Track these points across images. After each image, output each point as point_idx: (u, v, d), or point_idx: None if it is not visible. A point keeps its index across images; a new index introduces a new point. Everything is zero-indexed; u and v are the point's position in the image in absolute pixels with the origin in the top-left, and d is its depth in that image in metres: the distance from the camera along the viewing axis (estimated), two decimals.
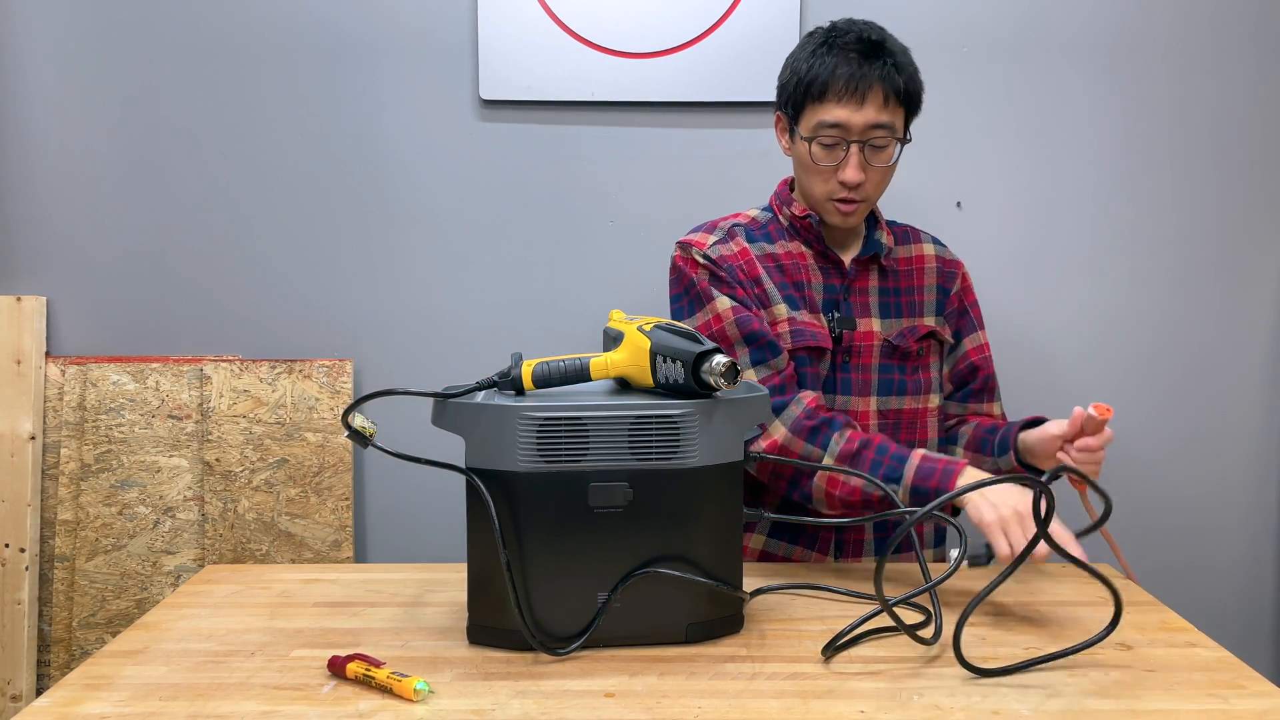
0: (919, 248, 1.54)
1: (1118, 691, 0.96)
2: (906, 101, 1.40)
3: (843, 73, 1.36)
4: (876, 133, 1.37)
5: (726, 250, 1.46)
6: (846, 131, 1.37)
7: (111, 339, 2.02)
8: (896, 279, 1.50)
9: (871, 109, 1.36)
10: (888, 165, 1.41)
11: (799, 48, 1.44)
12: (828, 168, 1.40)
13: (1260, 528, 2.05)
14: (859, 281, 1.48)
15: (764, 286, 1.45)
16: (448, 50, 1.97)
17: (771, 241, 1.48)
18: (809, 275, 1.47)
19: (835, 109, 1.37)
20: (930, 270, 1.52)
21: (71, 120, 1.99)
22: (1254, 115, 1.98)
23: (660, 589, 1.04)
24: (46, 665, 1.97)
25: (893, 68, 1.37)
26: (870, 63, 1.36)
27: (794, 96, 1.41)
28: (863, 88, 1.36)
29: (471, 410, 1.04)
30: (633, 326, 1.11)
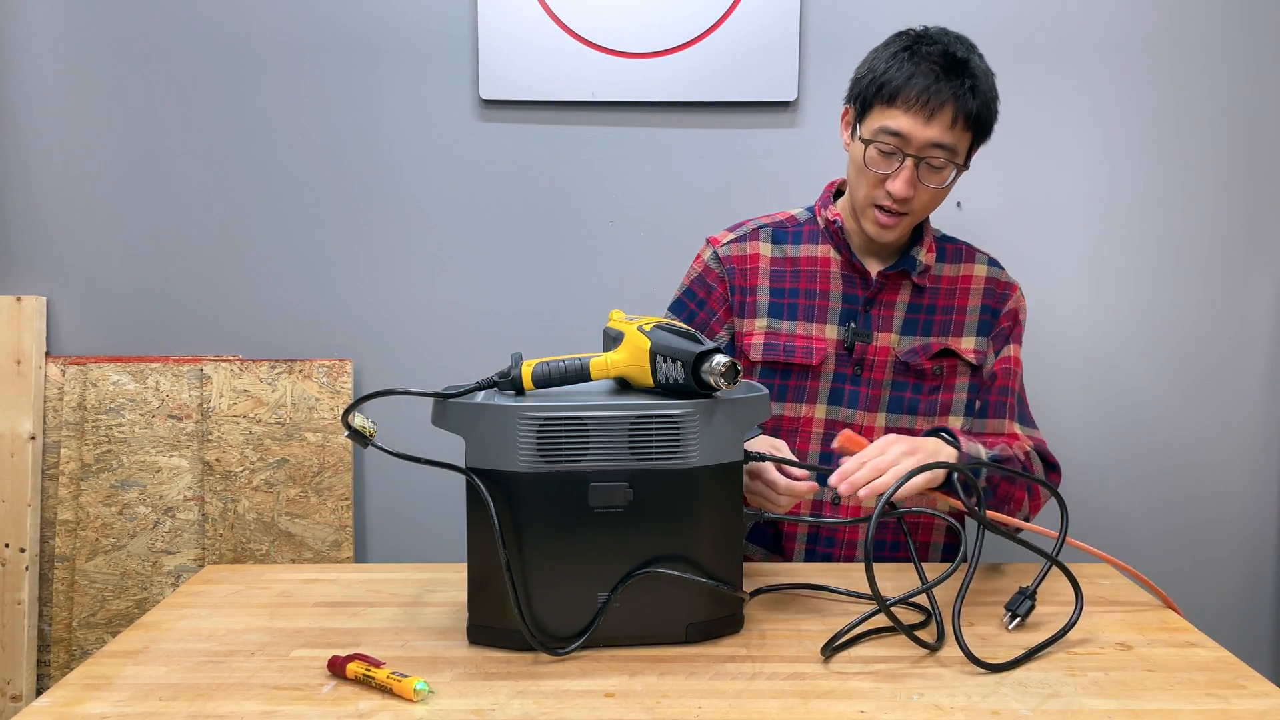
0: (970, 267, 1.48)
1: (1118, 691, 0.96)
2: (976, 127, 1.36)
3: (918, 83, 1.32)
4: (936, 152, 1.33)
5: (738, 250, 1.47)
6: (906, 143, 1.33)
7: (111, 339, 2.02)
8: (934, 296, 1.45)
9: (938, 127, 1.32)
10: (941, 188, 1.37)
11: (884, 45, 1.39)
12: (879, 175, 1.36)
13: (1260, 528, 2.05)
14: (886, 294, 1.45)
15: (756, 296, 1.45)
16: (448, 50, 1.97)
17: (799, 243, 1.47)
18: (830, 283, 1.45)
19: (901, 118, 1.33)
20: (977, 291, 1.46)
21: (71, 120, 1.99)
22: (1254, 115, 1.98)
23: (660, 589, 1.04)
24: (46, 665, 1.97)
25: (969, 90, 1.33)
26: (949, 80, 1.32)
27: (865, 94, 1.38)
28: (934, 103, 1.31)
29: (471, 410, 1.04)
30: (633, 326, 1.11)
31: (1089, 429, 2.03)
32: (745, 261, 1.46)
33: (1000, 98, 1.41)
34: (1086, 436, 2.03)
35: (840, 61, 1.96)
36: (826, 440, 1.44)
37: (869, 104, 1.37)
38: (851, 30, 1.96)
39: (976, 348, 1.45)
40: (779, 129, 1.97)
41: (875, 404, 1.43)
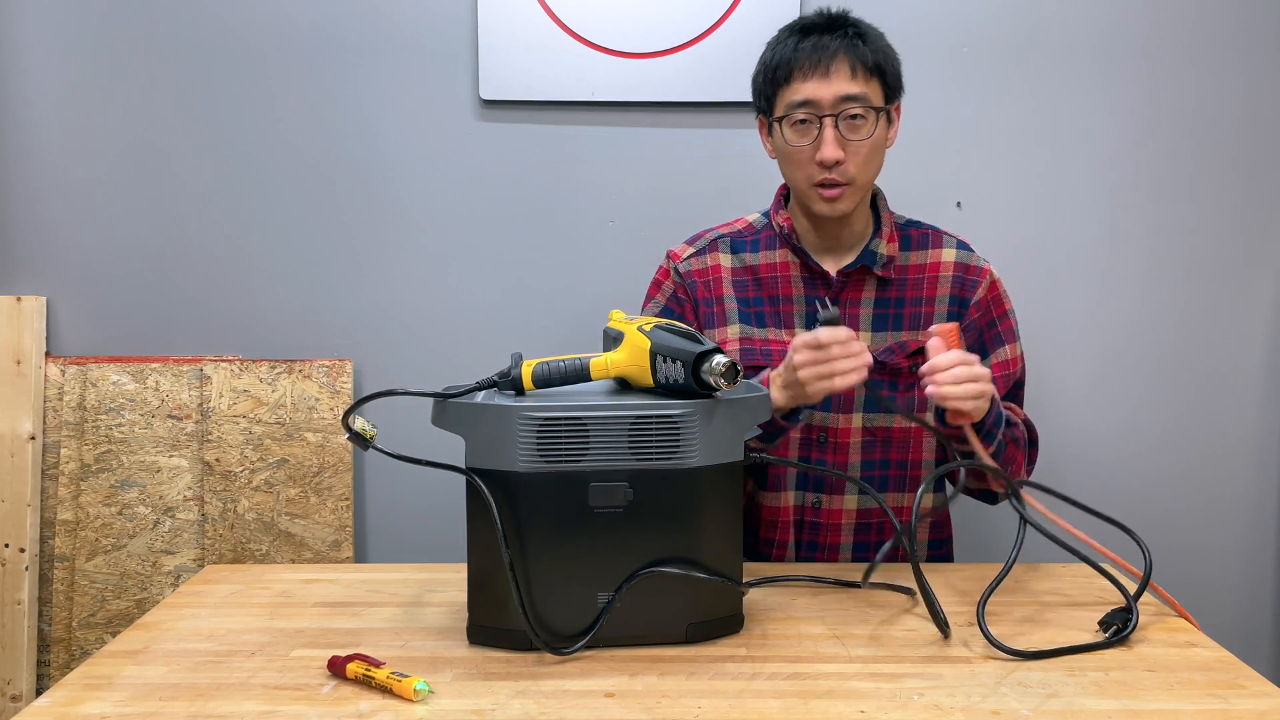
0: (937, 253, 1.43)
1: (1118, 691, 0.96)
2: (880, 74, 1.34)
3: (805, 47, 1.33)
4: (849, 105, 1.31)
5: (699, 264, 1.47)
6: (817, 107, 1.32)
7: (111, 339, 2.02)
8: (901, 289, 1.41)
9: (839, 80, 1.31)
10: (868, 140, 1.33)
11: (768, 44, 1.41)
12: (804, 149, 1.34)
13: (1260, 528, 2.05)
14: (850, 293, 1.42)
15: (724, 306, 1.44)
16: (448, 50, 1.97)
17: (757, 251, 1.46)
18: (789, 288, 1.43)
19: (801, 86, 1.32)
20: (946, 279, 1.42)
21: (72, 121, 1.99)
22: (1254, 115, 1.98)
23: (660, 589, 1.04)
24: (46, 665, 1.97)
25: (856, 37, 1.33)
26: (832, 34, 1.33)
27: (765, 88, 1.38)
28: (825, 59, 1.31)
29: (471, 410, 1.04)
30: (633, 326, 1.11)
31: (1088, 428, 2.03)
32: (707, 274, 1.46)
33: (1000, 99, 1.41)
34: (1086, 436, 2.03)
35: None
36: (804, 445, 1.42)
37: (771, 95, 1.37)
38: None
39: None
40: None
41: (850, 404, 1.41)
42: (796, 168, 1.36)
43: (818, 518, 1.44)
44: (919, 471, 1.44)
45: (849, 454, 1.42)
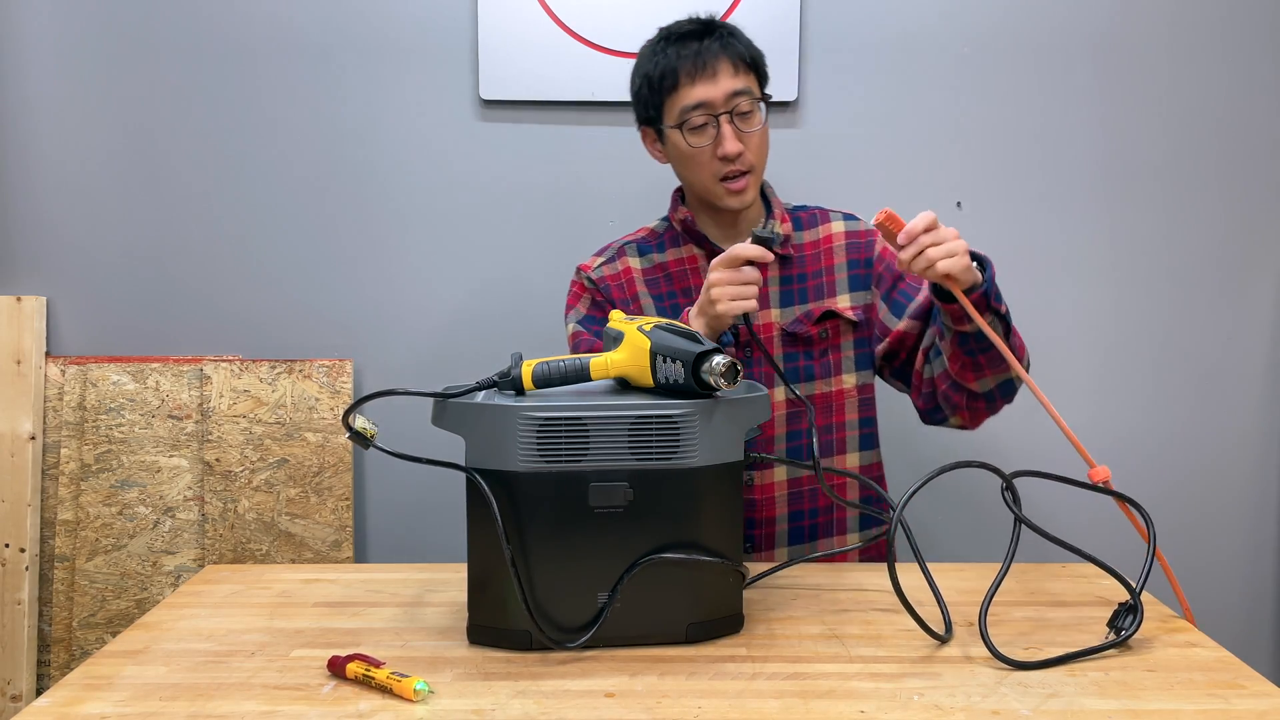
0: (827, 228, 1.53)
1: (1118, 691, 0.96)
2: (754, 67, 1.43)
3: (687, 54, 1.40)
4: (739, 100, 1.39)
5: (610, 270, 1.53)
6: (711, 107, 1.39)
7: (111, 339, 2.02)
8: (801, 264, 1.50)
9: (725, 79, 1.39)
10: (760, 129, 1.42)
11: (639, 57, 1.48)
12: (704, 148, 1.41)
13: (1260, 528, 2.05)
14: None
15: (640, 303, 1.50)
16: (448, 50, 1.97)
17: (664, 250, 1.53)
18: (699, 278, 1.50)
19: (691, 91, 1.40)
20: (839, 248, 1.51)
21: (71, 120, 1.99)
22: (1254, 115, 1.98)
23: (661, 589, 1.04)
24: (46, 665, 1.97)
25: (729, 37, 1.41)
26: (708, 38, 1.41)
27: (650, 98, 1.45)
28: (710, 61, 1.39)
29: (471, 410, 1.04)
30: (633, 326, 1.11)
31: (1088, 429, 2.03)
32: (619, 277, 1.53)
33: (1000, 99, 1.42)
34: (1085, 436, 2.02)
35: (840, 61, 1.97)
36: None
37: (659, 104, 1.44)
38: (851, 30, 1.96)
39: (853, 304, 1.49)
40: (779, 129, 1.97)
41: (771, 379, 1.47)
42: (699, 167, 1.44)
43: (752, 494, 1.48)
44: (844, 434, 1.50)
45: (774, 426, 1.48)
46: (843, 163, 1.99)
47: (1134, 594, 1.11)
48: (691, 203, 1.53)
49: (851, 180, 1.98)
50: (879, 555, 1.51)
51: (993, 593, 1.09)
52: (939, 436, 1.97)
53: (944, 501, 2.02)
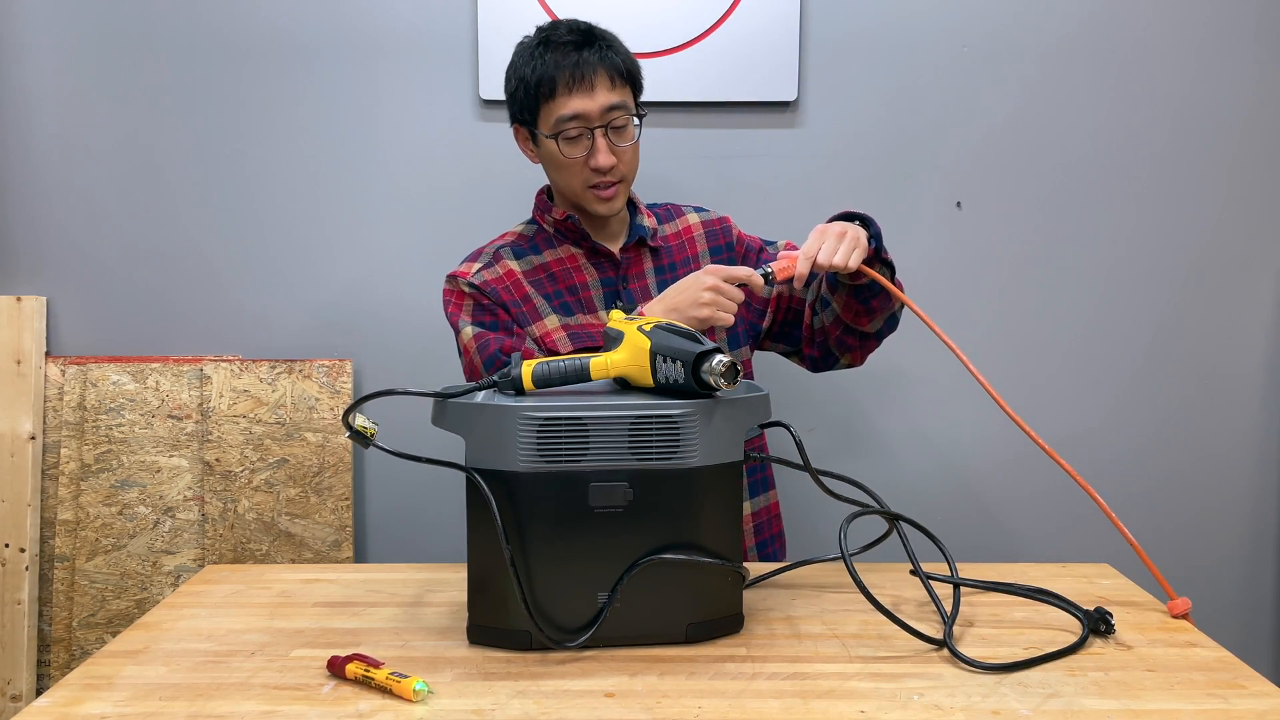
0: (683, 220, 1.59)
1: (1118, 691, 0.96)
2: (630, 80, 1.45)
3: (566, 64, 1.41)
4: (614, 114, 1.42)
5: (491, 275, 1.50)
6: (587, 120, 1.41)
7: (111, 339, 2.02)
8: (670, 255, 1.54)
9: (602, 93, 1.41)
10: (633, 143, 1.46)
11: (515, 55, 1.49)
12: (578, 159, 1.44)
13: (1260, 528, 2.05)
14: (634, 268, 1.52)
15: (533, 302, 1.49)
16: (448, 50, 1.97)
17: (540, 251, 1.53)
18: (582, 275, 1.51)
19: (568, 101, 1.41)
20: (699, 237, 1.57)
21: (72, 120, 1.99)
22: (1254, 115, 1.98)
23: (661, 589, 1.04)
24: (46, 665, 1.97)
25: (609, 49, 1.43)
26: (587, 49, 1.42)
27: (526, 102, 1.46)
28: (588, 74, 1.40)
29: (471, 410, 1.04)
30: (633, 326, 1.12)
31: (1087, 428, 2.03)
32: (503, 279, 1.50)
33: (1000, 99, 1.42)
34: (1085, 435, 2.03)
35: (840, 61, 1.97)
36: None
37: (534, 108, 1.45)
38: (851, 30, 1.96)
39: None
40: (779, 129, 1.97)
41: None
42: (571, 175, 1.46)
43: None
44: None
45: None
46: (842, 163, 1.98)
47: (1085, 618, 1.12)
48: (561, 204, 1.55)
49: (851, 180, 1.98)
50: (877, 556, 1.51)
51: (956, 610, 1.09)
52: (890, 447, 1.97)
53: (946, 501, 2.02)
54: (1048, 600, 1.19)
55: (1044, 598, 1.20)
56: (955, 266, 2.00)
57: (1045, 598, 1.20)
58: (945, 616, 1.09)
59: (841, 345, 1.49)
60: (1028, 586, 1.22)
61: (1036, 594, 1.20)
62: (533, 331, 1.47)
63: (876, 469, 2.00)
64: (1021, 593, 1.21)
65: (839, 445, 2.01)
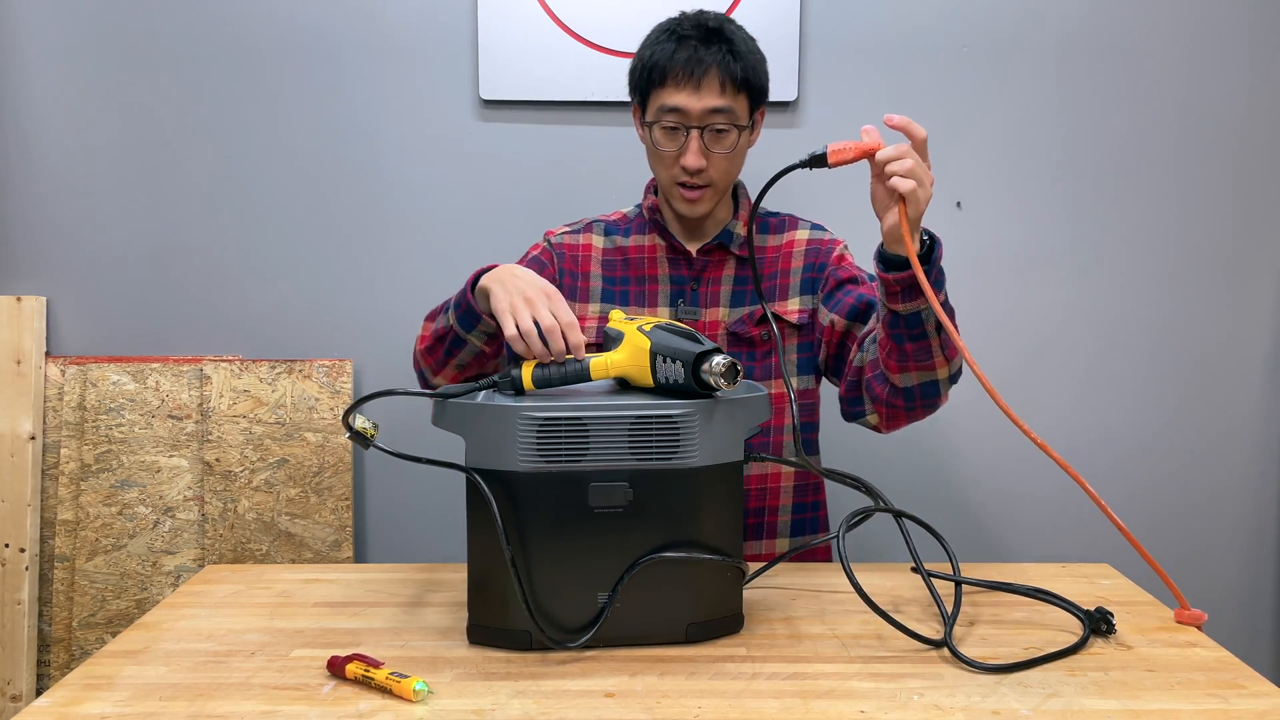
0: (792, 234, 1.52)
1: (1118, 691, 0.96)
2: (747, 88, 1.40)
3: (680, 58, 1.38)
4: (716, 118, 1.38)
5: (571, 240, 1.54)
6: (686, 117, 1.38)
7: (111, 339, 2.02)
8: (758, 266, 1.49)
9: (709, 94, 1.37)
10: (730, 153, 1.41)
11: (648, 36, 1.46)
12: (670, 153, 1.41)
13: (1260, 527, 2.05)
14: (710, 271, 1.49)
15: (589, 283, 1.50)
16: (448, 50, 1.97)
17: (627, 236, 1.53)
18: (655, 269, 1.50)
19: (674, 94, 1.38)
20: (799, 253, 1.50)
21: (71, 120, 1.99)
22: (1254, 115, 1.98)
23: (661, 589, 1.04)
24: (46, 665, 1.97)
25: (729, 54, 1.38)
26: (707, 48, 1.38)
27: (639, 84, 1.44)
28: (699, 72, 1.37)
29: (471, 410, 1.04)
30: (633, 326, 1.11)
31: (1087, 428, 2.03)
32: (577, 250, 1.53)
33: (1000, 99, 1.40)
34: (1085, 436, 2.03)
35: (840, 61, 1.97)
36: None
37: (646, 91, 1.42)
38: (851, 30, 1.96)
39: (800, 307, 1.48)
40: (779, 129, 1.97)
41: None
42: (662, 167, 1.44)
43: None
44: (781, 438, 1.48)
45: None
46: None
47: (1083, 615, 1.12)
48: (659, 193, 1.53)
49: (851, 180, 1.97)
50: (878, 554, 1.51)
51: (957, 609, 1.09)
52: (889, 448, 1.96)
53: (946, 502, 2.02)
54: (1048, 600, 1.19)
55: (1044, 598, 1.20)
56: (955, 266, 1.98)
57: (1046, 598, 1.20)
58: (946, 616, 1.09)
59: (870, 390, 1.34)
60: (1028, 586, 1.22)
61: (1037, 594, 1.20)
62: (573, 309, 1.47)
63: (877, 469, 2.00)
64: (1022, 593, 1.21)
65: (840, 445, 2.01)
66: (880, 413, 1.35)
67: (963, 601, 1.18)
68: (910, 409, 1.32)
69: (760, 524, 1.49)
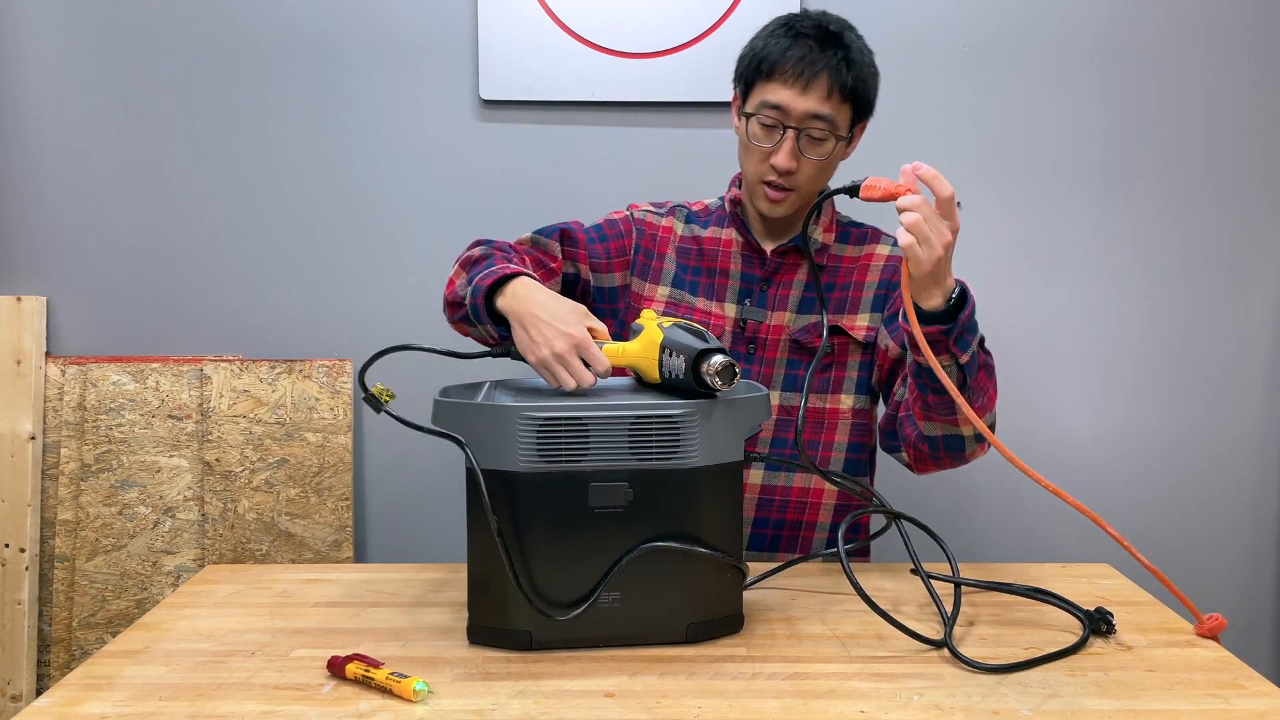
0: (873, 248, 1.47)
1: (1118, 691, 0.96)
2: (854, 100, 1.36)
3: (793, 55, 1.33)
4: (815, 123, 1.34)
5: (653, 219, 1.52)
6: (786, 115, 1.34)
7: (111, 339, 2.02)
8: (833, 275, 1.45)
9: (814, 98, 1.33)
10: (822, 160, 1.36)
11: (764, 27, 1.41)
12: (762, 148, 1.37)
13: (1260, 528, 2.05)
14: (783, 274, 1.45)
15: (662, 264, 1.48)
16: (448, 50, 1.97)
17: (706, 227, 1.50)
18: (730, 263, 1.47)
19: (779, 90, 1.34)
20: (877, 268, 1.45)
21: (71, 121, 1.99)
22: (1254, 115, 1.98)
23: (661, 589, 1.04)
24: (46, 665, 1.97)
25: (844, 61, 1.34)
26: (823, 51, 1.33)
27: (746, 73, 1.40)
28: (809, 74, 1.33)
29: (471, 410, 1.04)
30: (654, 322, 1.13)
31: (1088, 428, 2.03)
32: (657, 230, 1.50)
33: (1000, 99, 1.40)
34: (1085, 436, 2.03)
35: None
36: None
37: (751, 82, 1.38)
38: None
39: (870, 324, 1.43)
40: None
41: (768, 381, 1.43)
42: (752, 161, 1.40)
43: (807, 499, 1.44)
44: (830, 454, 1.43)
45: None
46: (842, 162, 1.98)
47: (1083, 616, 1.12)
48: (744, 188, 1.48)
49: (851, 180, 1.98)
50: (879, 555, 1.51)
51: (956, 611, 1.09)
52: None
53: (946, 502, 2.02)
54: (1048, 600, 1.19)
55: (1044, 598, 1.19)
56: (955, 267, 1.99)
57: (1046, 598, 1.20)
58: (946, 617, 1.09)
59: (901, 429, 1.32)
60: (1028, 586, 1.22)
61: (1037, 594, 1.20)
62: (635, 285, 1.47)
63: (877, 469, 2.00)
64: (1022, 593, 1.21)
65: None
66: (909, 453, 1.34)
67: (962, 601, 1.18)
68: (936, 457, 1.30)
69: (795, 538, 1.44)
